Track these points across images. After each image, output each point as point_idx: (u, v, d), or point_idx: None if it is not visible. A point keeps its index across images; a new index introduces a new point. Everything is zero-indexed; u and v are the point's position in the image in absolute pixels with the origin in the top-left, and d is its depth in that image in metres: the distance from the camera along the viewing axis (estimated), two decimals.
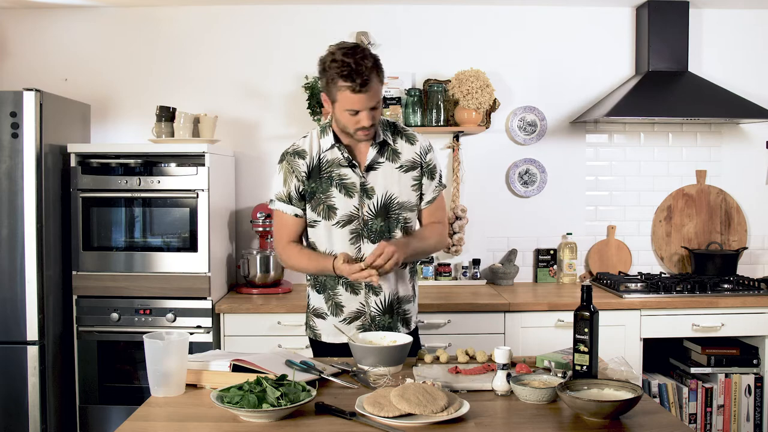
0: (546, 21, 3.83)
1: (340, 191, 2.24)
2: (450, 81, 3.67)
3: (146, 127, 3.63)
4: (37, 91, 3.08)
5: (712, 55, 3.85)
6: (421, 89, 3.69)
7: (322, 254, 2.27)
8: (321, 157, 2.26)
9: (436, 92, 3.66)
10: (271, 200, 2.33)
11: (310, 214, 2.28)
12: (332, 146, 2.25)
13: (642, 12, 3.76)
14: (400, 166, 2.28)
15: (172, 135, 3.45)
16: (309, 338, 2.44)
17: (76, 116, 3.55)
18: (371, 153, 2.26)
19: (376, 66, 2.12)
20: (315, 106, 3.60)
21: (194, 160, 3.33)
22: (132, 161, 3.28)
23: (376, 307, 2.29)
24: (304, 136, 2.32)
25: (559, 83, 3.84)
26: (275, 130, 3.80)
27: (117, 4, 3.72)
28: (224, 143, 3.69)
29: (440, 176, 2.36)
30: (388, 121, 2.34)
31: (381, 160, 2.27)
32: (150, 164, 3.29)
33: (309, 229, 2.31)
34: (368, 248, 2.25)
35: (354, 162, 2.25)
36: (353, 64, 2.06)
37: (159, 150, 3.31)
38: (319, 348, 2.39)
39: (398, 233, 2.28)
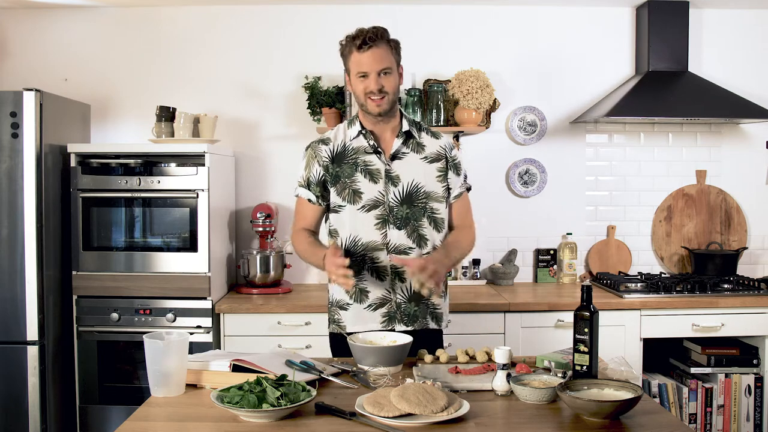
0: (546, 21, 3.83)
1: (365, 176, 2.28)
2: (450, 81, 3.67)
3: (146, 127, 3.63)
4: (37, 91, 3.08)
5: (712, 55, 3.85)
6: (421, 89, 3.69)
7: (320, 247, 2.28)
8: (347, 144, 2.32)
9: (436, 92, 3.66)
10: (295, 187, 2.38)
11: (335, 199, 2.31)
12: (359, 134, 2.30)
13: (642, 12, 3.76)
14: (425, 157, 2.33)
15: (172, 135, 3.45)
16: (331, 334, 2.41)
17: (76, 116, 3.55)
18: (396, 143, 2.31)
19: (388, 38, 2.23)
20: (315, 106, 3.60)
21: (194, 160, 3.33)
22: (132, 161, 3.28)
23: (402, 294, 2.30)
24: (331, 129, 2.40)
25: (559, 83, 3.84)
26: (275, 130, 3.80)
27: (117, 4, 3.72)
28: (224, 143, 3.69)
29: (465, 175, 2.43)
30: (413, 119, 2.40)
31: (406, 150, 2.32)
32: (150, 164, 3.29)
33: (332, 216, 2.34)
34: (394, 234, 2.28)
35: (379, 149, 2.29)
36: (364, 29, 2.21)
37: (159, 150, 3.31)
38: (342, 343, 2.31)
39: (425, 222, 2.30)
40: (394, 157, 2.31)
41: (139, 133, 3.72)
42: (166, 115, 3.46)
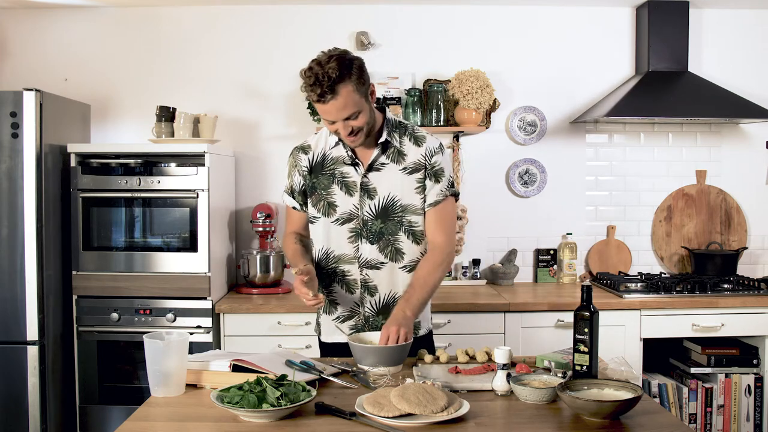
0: (546, 21, 3.83)
1: (341, 189, 2.24)
2: (450, 81, 3.67)
3: (146, 127, 3.63)
4: (37, 91, 3.08)
5: (712, 55, 3.85)
6: (421, 89, 3.69)
7: (301, 256, 2.25)
8: (326, 153, 2.27)
9: (436, 92, 3.66)
10: (283, 192, 2.39)
11: (311, 210, 2.29)
12: (337, 143, 2.25)
13: (642, 12, 3.76)
14: (405, 168, 2.23)
15: (172, 135, 3.45)
16: (317, 336, 2.45)
17: (76, 116, 3.55)
18: (375, 153, 2.23)
19: (347, 74, 2.00)
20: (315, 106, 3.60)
21: (194, 160, 3.33)
22: (132, 161, 3.28)
23: (371, 308, 2.28)
24: (316, 133, 2.36)
25: (559, 83, 3.84)
26: (275, 130, 3.80)
27: (117, 4, 3.72)
28: (224, 143, 3.69)
29: (450, 182, 2.25)
30: (399, 121, 2.29)
31: (385, 161, 2.23)
32: (150, 164, 3.29)
33: (310, 226, 2.33)
34: (366, 248, 2.24)
35: (357, 161, 2.24)
36: (319, 73, 1.99)
37: (159, 150, 3.31)
38: (322, 346, 2.40)
39: (402, 236, 2.25)
40: (372, 168, 2.22)
41: (139, 133, 3.72)
42: (166, 115, 3.46)
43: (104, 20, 3.77)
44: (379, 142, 2.21)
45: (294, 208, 2.34)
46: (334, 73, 1.99)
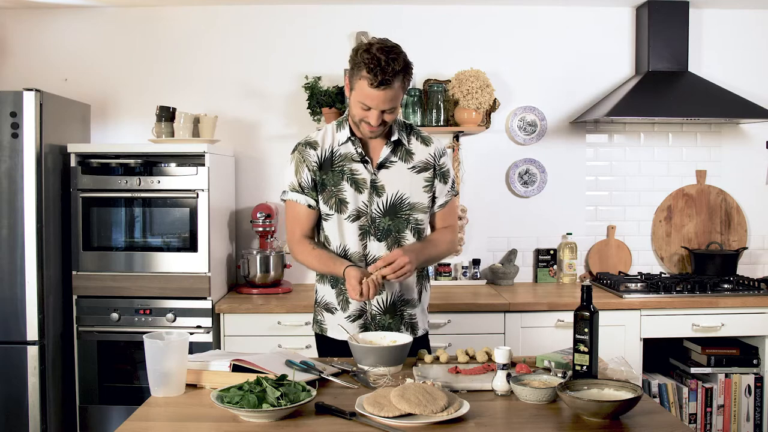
0: (546, 21, 3.83)
1: (350, 185, 2.24)
2: (450, 81, 3.67)
3: (146, 127, 3.63)
4: (37, 91, 3.08)
5: (712, 55, 3.85)
6: (421, 89, 3.69)
7: (333, 257, 2.25)
8: (334, 150, 2.26)
9: (436, 92, 3.66)
10: (284, 191, 2.32)
11: (323, 207, 2.28)
12: (347, 140, 2.25)
13: (642, 12, 3.76)
14: (413, 167, 2.27)
15: (172, 135, 3.45)
16: (315, 333, 2.42)
17: (76, 116, 3.55)
18: (385, 151, 2.25)
19: (405, 71, 2.10)
20: (315, 106, 3.60)
21: (194, 160, 3.33)
22: (132, 161, 3.28)
23: (378, 307, 2.29)
24: (319, 129, 2.35)
25: (559, 83, 3.84)
26: (275, 130, 3.80)
27: (117, 4, 3.72)
28: (224, 143, 3.69)
29: (453, 182, 2.36)
30: (405, 122, 2.34)
31: (394, 159, 2.27)
32: (150, 164, 3.29)
33: (323, 223, 2.30)
34: (374, 246, 2.25)
35: (367, 158, 2.25)
36: (383, 60, 2.04)
37: (159, 150, 3.31)
38: (324, 343, 2.38)
39: (408, 234, 2.27)
40: (382, 166, 2.25)
41: (139, 133, 3.72)
42: (166, 115, 3.46)
43: (104, 20, 3.77)
44: (391, 140, 2.25)
45: (309, 206, 2.27)
46: (399, 67, 2.06)
